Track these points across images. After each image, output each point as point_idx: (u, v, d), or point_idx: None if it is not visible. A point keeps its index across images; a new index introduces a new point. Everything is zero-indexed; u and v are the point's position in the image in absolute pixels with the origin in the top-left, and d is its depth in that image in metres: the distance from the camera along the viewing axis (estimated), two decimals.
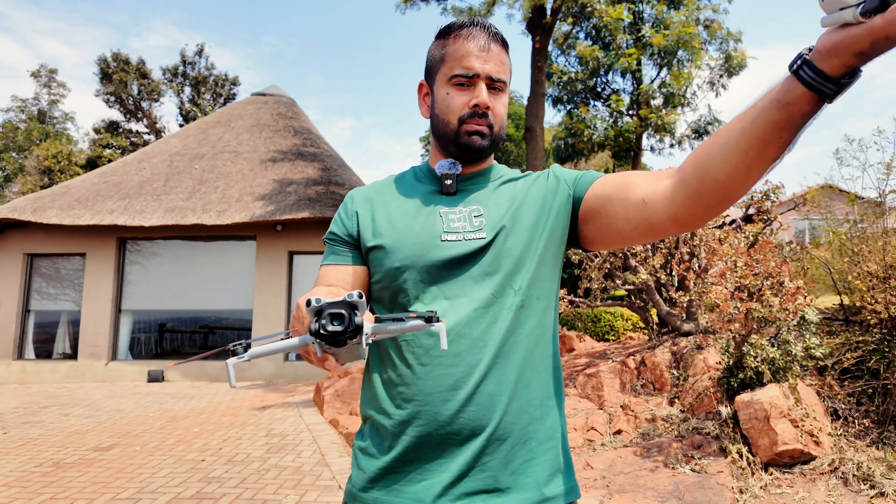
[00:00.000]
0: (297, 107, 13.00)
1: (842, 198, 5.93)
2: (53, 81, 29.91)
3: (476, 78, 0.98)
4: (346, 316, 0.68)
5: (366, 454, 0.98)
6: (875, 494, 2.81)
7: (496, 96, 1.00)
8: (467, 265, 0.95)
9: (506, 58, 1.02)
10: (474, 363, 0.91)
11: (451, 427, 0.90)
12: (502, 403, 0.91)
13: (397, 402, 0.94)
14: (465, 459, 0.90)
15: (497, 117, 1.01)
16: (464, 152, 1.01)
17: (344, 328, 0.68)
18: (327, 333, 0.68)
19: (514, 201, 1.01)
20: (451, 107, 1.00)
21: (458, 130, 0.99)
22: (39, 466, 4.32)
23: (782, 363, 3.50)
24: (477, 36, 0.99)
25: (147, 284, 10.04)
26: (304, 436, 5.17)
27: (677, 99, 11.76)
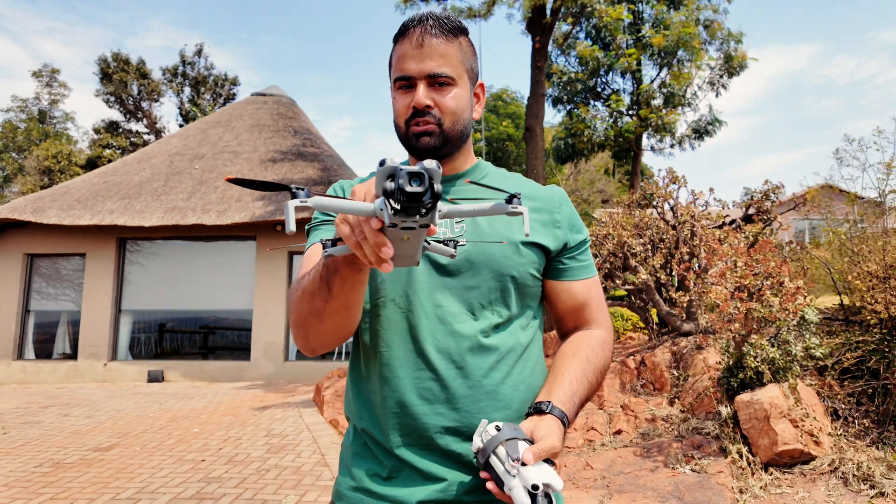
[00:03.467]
0: (296, 107, 13.01)
1: (842, 198, 5.93)
2: (55, 81, 29.91)
3: (413, 79, 0.95)
4: (426, 176, 0.56)
5: (356, 456, 0.98)
6: (875, 494, 2.81)
7: (442, 91, 0.96)
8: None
9: (449, 48, 0.96)
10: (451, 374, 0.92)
11: (437, 438, 0.91)
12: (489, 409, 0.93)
13: (378, 413, 0.95)
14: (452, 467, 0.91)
15: (446, 112, 0.96)
16: (418, 155, 0.99)
17: (424, 189, 0.56)
18: (406, 194, 0.55)
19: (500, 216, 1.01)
20: (397, 111, 0.98)
21: (407, 133, 0.97)
22: (39, 466, 4.32)
23: (782, 363, 3.50)
24: (411, 34, 0.96)
25: (147, 284, 10.04)
26: (304, 436, 5.17)
27: (677, 99, 11.76)
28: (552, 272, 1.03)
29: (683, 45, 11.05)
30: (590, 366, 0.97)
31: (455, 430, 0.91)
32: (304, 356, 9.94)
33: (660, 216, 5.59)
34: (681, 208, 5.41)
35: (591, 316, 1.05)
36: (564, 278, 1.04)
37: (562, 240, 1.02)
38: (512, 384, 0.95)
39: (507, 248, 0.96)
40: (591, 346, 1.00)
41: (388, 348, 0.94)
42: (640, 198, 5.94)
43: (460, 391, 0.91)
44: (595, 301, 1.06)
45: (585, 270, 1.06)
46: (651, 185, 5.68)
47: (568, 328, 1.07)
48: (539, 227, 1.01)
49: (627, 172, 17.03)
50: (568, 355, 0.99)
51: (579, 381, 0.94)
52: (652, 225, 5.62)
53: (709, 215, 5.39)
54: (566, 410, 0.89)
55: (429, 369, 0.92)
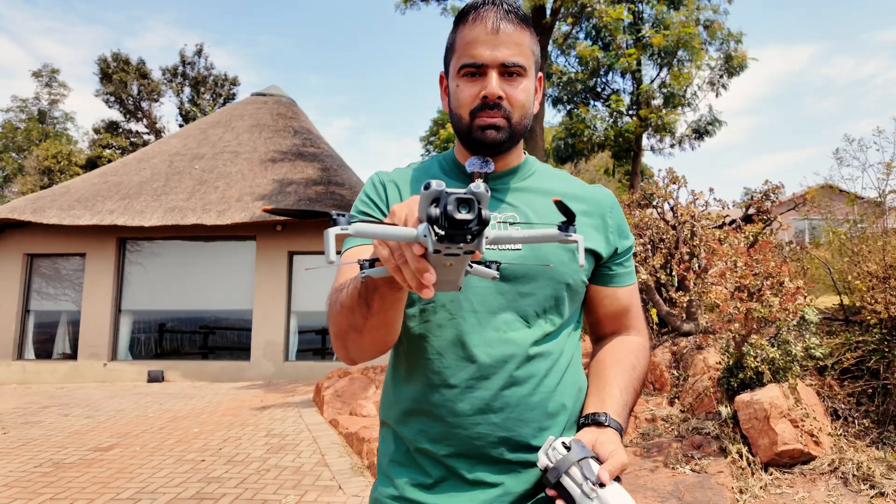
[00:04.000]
0: (296, 107, 13.01)
1: (842, 198, 5.93)
2: (54, 81, 29.91)
3: (485, 67, 0.89)
4: (475, 203, 0.53)
5: (396, 464, 0.94)
6: (875, 494, 2.81)
7: (513, 82, 0.90)
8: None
9: (524, 37, 0.91)
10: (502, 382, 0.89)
11: (489, 448, 0.88)
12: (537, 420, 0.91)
13: (425, 421, 0.91)
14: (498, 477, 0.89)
15: (515, 106, 0.91)
16: (479, 148, 0.93)
17: (474, 217, 0.53)
18: (451, 222, 0.52)
19: (552, 217, 0.94)
20: (461, 100, 0.92)
21: (471, 125, 0.92)
22: (39, 466, 4.32)
23: (782, 363, 3.50)
24: (485, 17, 0.89)
25: (147, 284, 10.04)
26: (304, 436, 5.17)
27: (677, 99, 11.76)
28: (599, 278, 1.00)
29: (683, 45, 11.06)
30: (635, 374, 0.96)
31: (507, 441, 0.88)
32: (304, 356, 9.95)
33: (660, 216, 5.59)
34: (681, 208, 5.41)
35: (631, 322, 1.04)
36: (611, 284, 1.01)
37: (612, 245, 0.99)
38: (563, 391, 0.93)
39: (563, 254, 0.92)
40: (635, 354, 0.99)
41: (438, 356, 0.90)
42: (640, 198, 5.94)
43: (513, 400, 0.88)
44: (635, 308, 1.04)
45: (630, 276, 1.03)
46: (651, 185, 5.68)
47: (605, 333, 1.05)
48: (591, 232, 0.97)
49: (627, 172, 17.03)
50: (612, 363, 0.96)
51: (628, 391, 0.92)
52: (652, 225, 5.62)
53: (709, 215, 5.39)
54: (621, 422, 0.87)
55: (481, 378, 0.88)
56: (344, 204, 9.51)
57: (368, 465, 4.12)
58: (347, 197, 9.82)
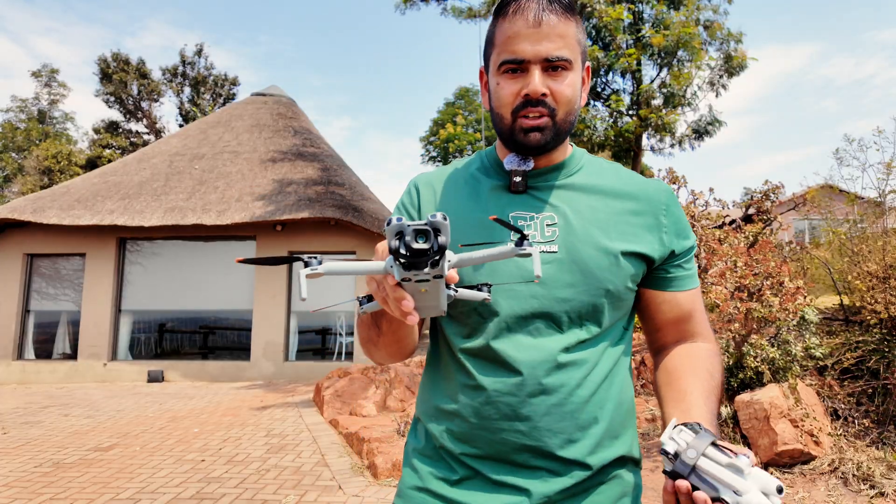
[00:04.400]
0: (296, 107, 13.01)
1: (842, 198, 5.93)
2: (54, 81, 29.92)
3: (527, 63, 0.84)
4: (430, 232, 0.58)
5: (424, 457, 0.94)
6: (875, 494, 2.81)
7: (558, 77, 0.85)
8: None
9: (568, 27, 0.85)
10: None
11: (514, 454, 0.86)
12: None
13: (454, 420, 0.90)
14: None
15: (561, 102, 0.86)
16: (523, 150, 0.89)
17: (429, 246, 0.58)
18: (410, 251, 0.58)
19: (595, 218, 0.89)
20: (502, 99, 0.87)
21: (513, 126, 0.87)
22: (39, 466, 4.32)
23: (782, 363, 3.50)
24: (526, 9, 0.84)
25: (147, 284, 10.04)
26: (304, 436, 5.16)
27: (677, 99, 11.76)
28: (655, 281, 0.93)
29: (683, 45, 11.05)
30: (713, 382, 0.88)
31: (532, 449, 0.85)
32: (304, 356, 9.96)
33: None
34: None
35: (697, 328, 0.95)
36: (670, 288, 0.93)
37: (668, 246, 0.91)
38: (598, 403, 0.87)
39: (602, 257, 0.87)
40: (710, 360, 0.91)
41: (468, 358, 0.89)
42: None
43: (541, 409, 0.84)
44: (699, 313, 0.96)
45: (692, 280, 0.95)
46: None
47: (667, 341, 0.97)
48: (641, 233, 0.90)
49: None
50: (687, 371, 0.89)
51: (711, 400, 0.85)
52: None
53: (709, 215, 5.39)
54: (715, 433, 0.78)
55: (510, 384, 0.85)
56: (344, 204, 9.51)
57: (368, 465, 4.12)
58: (347, 197, 9.82)
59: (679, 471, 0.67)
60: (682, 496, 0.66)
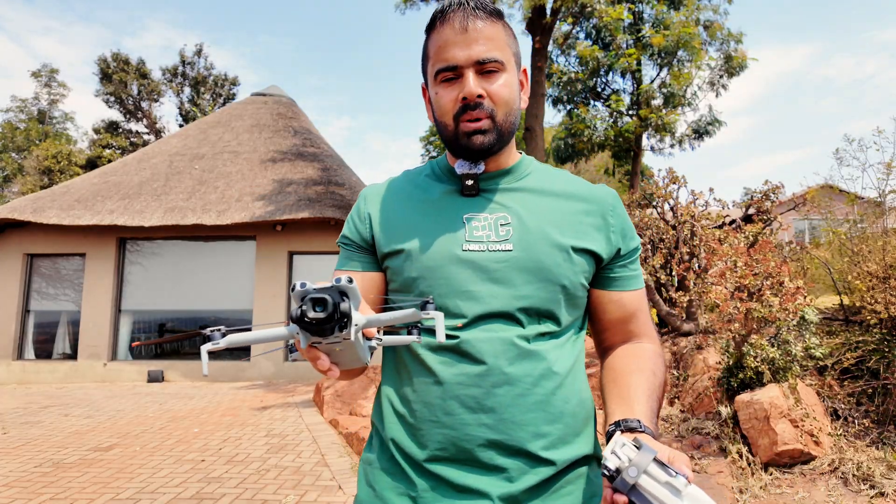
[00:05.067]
0: (296, 107, 13.01)
1: (842, 198, 5.93)
2: (54, 81, 29.92)
3: (460, 68, 0.86)
4: (329, 301, 0.57)
5: (383, 472, 0.91)
6: (875, 494, 2.81)
7: (492, 78, 0.87)
8: None
9: (496, 30, 0.87)
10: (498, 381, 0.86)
11: (479, 451, 0.85)
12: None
13: (413, 422, 0.88)
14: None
15: (499, 102, 0.87)
16: (469, 156, 0.90)
17: (327, 315, 0.57)
18: (308, 321, 0.57)
19: (547, 217, 0.91)
20: (442, 107, 0.89)
21: (456, 132, 0.88)
22: (39, 466, 4.32)
23: (782, 363, 3.50)
24: (452, 19, 0.86)
25: (147, 284, 10.04)
26: (304, 436, 5.17)
27: (677, 99, 11.76)
28: (602, 281, 0.96)
29: (683, 45, 11.06)
30: (656, 381, 0.91)
31: (499, 444, 0.84)
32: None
33: (660, 216, 5.59)
34: (681, 208, 5.41)
35: (641, 329, 0.99)
36: (615, 288, 0.96)
37: (615, 245, 0.94)
38: (564, 397, 0.88)
39: (556, 253, 0.88)
40: (653, 360, 0.94)
41: (427, 353, 0.88)
42: (640, 198, 5.94)
43: (506, 400, 0.84)
44: (644, 313, 0.99)
45: (636, 280, 0.98)
46: (651, 185, 5.68)
47: (613, 341, 1.00)
48: (591, 231, 0.93)
49: (627, 172, 17.03)
50: (631, 369, 0.92)
51: (653, 398, 0.88)
52: (652, 225, 5.62)
53: (709, 215, 5.39)
54: (654, 429, 0.83)
55: (473, 375, 0.85)
56: (344, 204, 9.51)
57: None
58: (347, 197, 9.82)
59: (619, 487, 0.68)
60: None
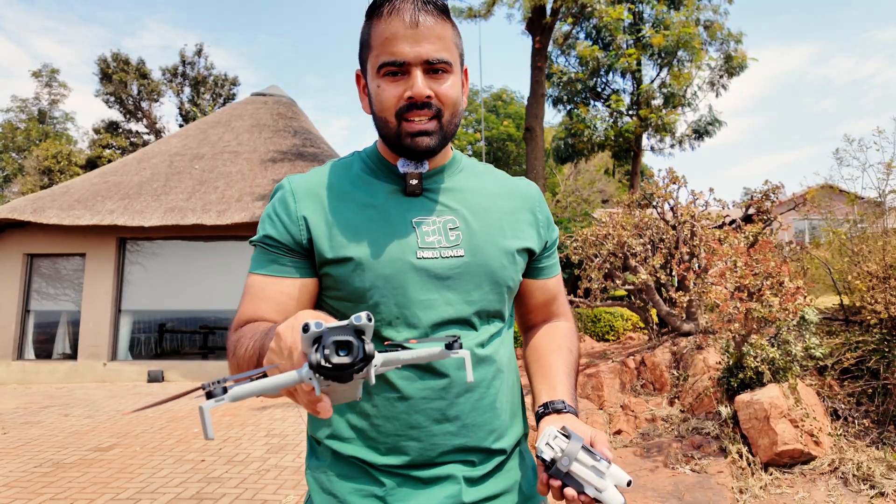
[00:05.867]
0: (296, 107, 13.01)
1: (842, 198, 5.93)
2: (54, 81, 29.91)
3: (408, 65, 0.82)
4: (354, 345, 0.53)
5: (341, 478, 0.88)
6: (875, 494, 2.81)
7: (440, 79, 0.84)
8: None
9: (446, 30, 0.84)
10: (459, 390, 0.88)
11: (444, 458, 0.86)
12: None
13: (375, 436, 0.87)
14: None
15: (446, 104, 0.85)
16: (412, 156, 0.87)
17: (353, 359, 0.53)
18: (332, 366, 0.53)
19: (490, 219, 0.93)
20: (384, 102, 0.84)
21: (399, 131, 0.84)
22: (39, 466, 4.32)
23: (782, 363, 3.50)
24: (402, 10, 0.81)
25: (147, 284, 10.04)
26: (303, 436, 5.17)
27: (677, 99, 11.76)
28: (531, 272, 1.01)
29: (683, 46, 11.06)
30: (572, 357, 0.99)
31: (463, 448, 0.87)
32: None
33: (660, 216, 5.59)
34: (681, 208, 5.41)
35: (559, 309, 1.07)
36: (542, 276, 1.02)
37: (544, 239, 1.00)
38: (507, 392, 0.93)
39: (503, 257, 0.91)
40: (569, 339, 1.02)
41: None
42: (640, 198, 5.94)
43: (468, 406, 0.87)
44: (562, 294, 1.08)
45: (556, 266, 1.05)
46: (651, 185, 5.68)
47: (536, 321, 1.07)
48: (526, 229, 0.96)
49: (627, 172, 17.04)
50: (551, 349, 0.99)
51: (572, 376, 0.95)
52: (652, 225, 5.62)
53: (709, 215, 5.39)
54: (575, 407, 0.90)
55: (438, 388, 0.85)
56: None
57: None
58: None
59: (555, 475, 0.77)
60: (555, 490, 0.77)
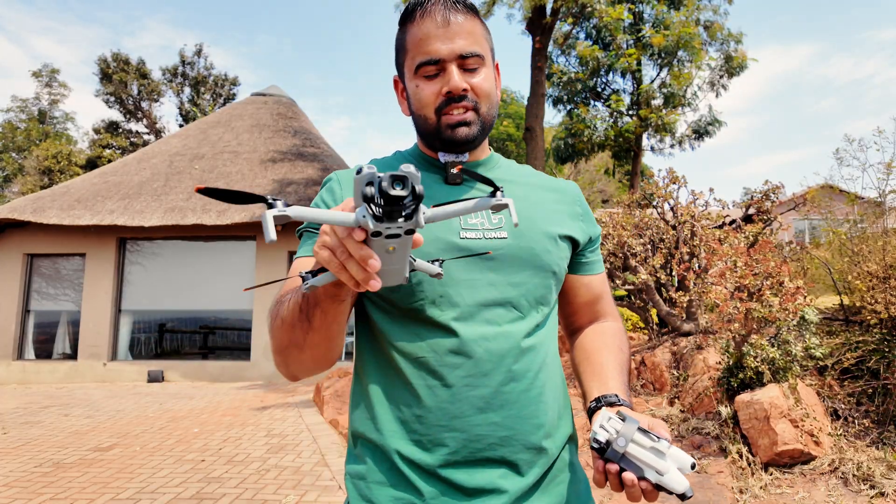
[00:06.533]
0: (296, 107, 13.01)
1: (842, 198, 5.93)
2: (54, 81, 29.91)
3: (443, 62, 0.86)
4: (409, 179, 0.53)
5: (380, 484, 0.85)
6: (875, 494, 2.81)
7: (474, 74, 0.88)
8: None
9: (475, 26, 0.89)
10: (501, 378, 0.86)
11: (491, 450, 0.83)
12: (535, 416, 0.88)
13: (417, 428, 0.84)
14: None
15: (482, 96, 0.88)
16: (451, 147, 0.90)
17: (408, 192, 0.53)
18: (386, 199, 0.52)
19: (532, 206, 0.94)
20: (423, 100, 0.88)
21: (439, 125, 0.88)
22: (39, 466, 4.32)
23: (782, 363, 3.50)
24: (433, 12, 0.86)
25: (147, 284, 10.04)
26: (303, 436, 5.17)
27: (677, 99, 11.76)
28: (575, 266, 1.00)
29: (683, 46, 11.06)
30: (623, 356, 0.97)
31: (509, 440, 0.84)
32: None
33: (660, 216, 5.59)
34: (681, 208, 5.41)
35: (606, 308, 1.05)
36: (586, 272, 1.01)
37: (587, 233, 1.00)
38: (551, 384, 0.91)
39: (547, 241, 0.91)
40: (619, 337, 1.00)
41: (432, 353, 0.84)
42: (640, 198, 5.94)
43: (513, 396, 0.84)
44: (608, 294, 1.06)
45: (601, 264, 1.04)
46: (651, 185, 5.67)
47: (581, 322, 1.05)
48: (567, 220, 0.97)
49: (627, 172, 17.03)
50: (600, 347, 0.97)
51: (623, 373, 0.93)
52: (652, 225, 5.62)
53: (709, 215, 5.39)
54: (630, 403, 0.88)
55: (480, 375, 0.83)
56: None
57: None
58: None
59: (611, 457, 0.73)
60: (612, 476, 0.73)
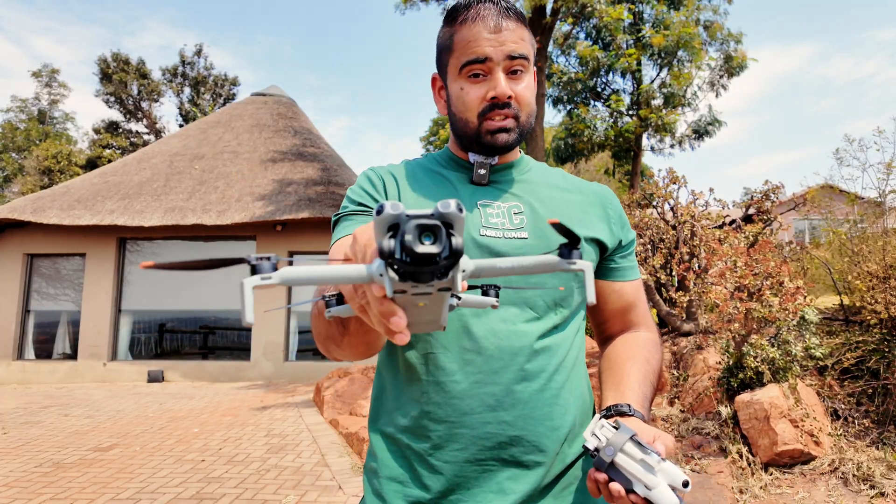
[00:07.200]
0: (296, 107, 13.00)
1: (842, 198, 5.93)
2: (54, 81, 29.90)
3: (490, 63, 0.86)
4: (442, 232, 0.39)
5: (391, 480, 0.87)
6: (875, 494, 2.81)
7: (518, 79, 0.88)
8: None
9: (524, 33, 0.89)
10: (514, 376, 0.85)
11: (499, 450, 0.83)
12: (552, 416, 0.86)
13: (427, 423, 0.84)
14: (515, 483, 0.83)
15: (523, 104, 0.89)
16: (490, 152, 0.91)
17: (441, 249, 0.39)
18: (415, 255, 0.39)
19: (557, 207, 0.93)
20: (467, 103, 0.88)
21: (479, 129, 0.88)
22: (39, 466, 4.32)
23: (782, 363, 3.50)
24: (485, 15, 0.86)
25: (147, 284, 10.04)
26: (304, 436, 5.16)
27: (677, 99, 11.76)
28: (604, 272, 0.97)
29: (683, 46, 11.05)
30: (649, 368, 0.93)
31: (519, 440, 0.83)
32: (305, 356, 9.95)
33: (660, 216, 5.59)
34: (681, 208, 5.41)
35: (639, 318, 1.01)
36: (616, 278, 0.98)
37: (617, 237, 0.97)
38: (571, 388, 0.89)
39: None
40: (648, 349, 0.96)
41: (443, 349, 0.84)
42: (640, 198, 5.94)
43: (525, 396, 0.83)
44: (642, 303, 1.01)
45: (635, 271, 1.00)
46: (651, 185, 5.67)
47: (613, 331, 1.01)
48: (596, 222, 0.95)
49: (627, 172, 17.03)
50: (625, 357, 0.94)
51: (645, 384, 0.89)
52: (652, 225, 5.62)
53: (709, 215, 5.39)
54: (644, 413, 0.84)
55: (490, 372, 0.83)
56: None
57: None
58: None
59: (598, 466, 0.71)
60: (601, 485, 0.72)
